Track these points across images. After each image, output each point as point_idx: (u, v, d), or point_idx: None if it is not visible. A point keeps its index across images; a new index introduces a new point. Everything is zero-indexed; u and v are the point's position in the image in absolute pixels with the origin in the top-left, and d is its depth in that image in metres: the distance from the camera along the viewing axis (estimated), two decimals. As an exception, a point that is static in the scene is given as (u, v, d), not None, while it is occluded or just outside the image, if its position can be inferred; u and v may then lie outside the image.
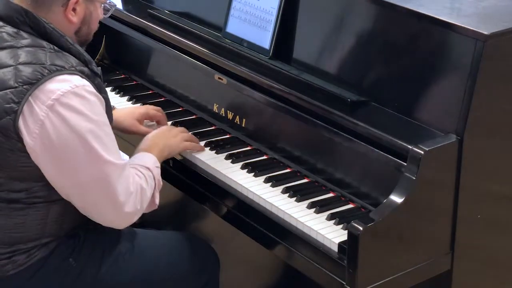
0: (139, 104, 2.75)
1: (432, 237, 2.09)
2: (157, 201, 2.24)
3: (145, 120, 2.57)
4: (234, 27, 2.59)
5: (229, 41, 2.60)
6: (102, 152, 2.03)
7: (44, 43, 2.07)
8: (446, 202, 2.08)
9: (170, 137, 2.40)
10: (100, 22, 2.27)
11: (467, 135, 2.04)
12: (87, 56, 2.12)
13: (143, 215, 2.22)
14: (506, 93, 2.13)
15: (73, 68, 2.04)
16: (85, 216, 2.16)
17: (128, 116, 2.53)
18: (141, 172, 2.19)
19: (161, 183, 2.26)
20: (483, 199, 2.17)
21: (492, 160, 2.15)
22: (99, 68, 2.15)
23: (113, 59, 3.06)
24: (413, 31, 2.18)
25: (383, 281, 2.00)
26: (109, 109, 2.16)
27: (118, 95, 2.84)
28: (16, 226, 2.11)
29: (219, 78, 2.53)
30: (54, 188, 2.09)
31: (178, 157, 2.46)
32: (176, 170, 2.48)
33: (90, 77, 2.07)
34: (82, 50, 2.12)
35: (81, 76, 2.04)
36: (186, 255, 2.38)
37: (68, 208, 2.13)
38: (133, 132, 2.53)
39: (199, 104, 2.68)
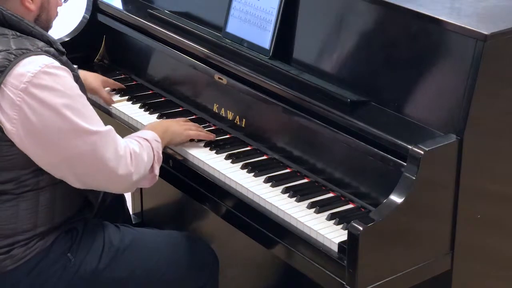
0: (138, 105, 2.76)
1: (432, 237, 2.09)
2: (156, 172, 2.27)
3: None
4: (234, 27, 2.59)
5: (229, 41, 2.59)
6: (83, 123, 2.06)
7: (6, 30, 2.10)
8: (446, 202, 2.08)
9: (175, 125, 2.45)
10: (100, 22, 2.27)
11: (467, 135, 2.04)
12: (50, 37, 2.16)
13: (143, 214, 2.22)
14: (506, 93, 2.13)
15: (39, 50, 2.07)
16: (76, 202, 2.20)
17: (97, 78, 2.73)
18: (135, 140, 2.23)
19: (161, 156, 2.29)
20: (483, 199, 2.17)
21: (492, 160, 2.15)
22: (64, 50, 2.19)
23: (113, 59, 3.06)
24: (413, 31, 2.18)
25: (383, 281, 2.00)
26: (81, 86, 2.17)
27: (118, 95, 2.83)
28: (8, 218, 2.12)
29: (219, 78, 2.53)
30: (41, 175, 2.11)
31: (178, 157, 2.46)
32: (176, 170, 2.48)
33: (57, 56, 2.11)
34: (44, 31, 2.15)
35: (47, 55, 2.07)
36: (186, 254, 2.38)
37: (58, 194, 2.16)
38: (96, 94, 2.72)
39: (199, 104, 2.68)
